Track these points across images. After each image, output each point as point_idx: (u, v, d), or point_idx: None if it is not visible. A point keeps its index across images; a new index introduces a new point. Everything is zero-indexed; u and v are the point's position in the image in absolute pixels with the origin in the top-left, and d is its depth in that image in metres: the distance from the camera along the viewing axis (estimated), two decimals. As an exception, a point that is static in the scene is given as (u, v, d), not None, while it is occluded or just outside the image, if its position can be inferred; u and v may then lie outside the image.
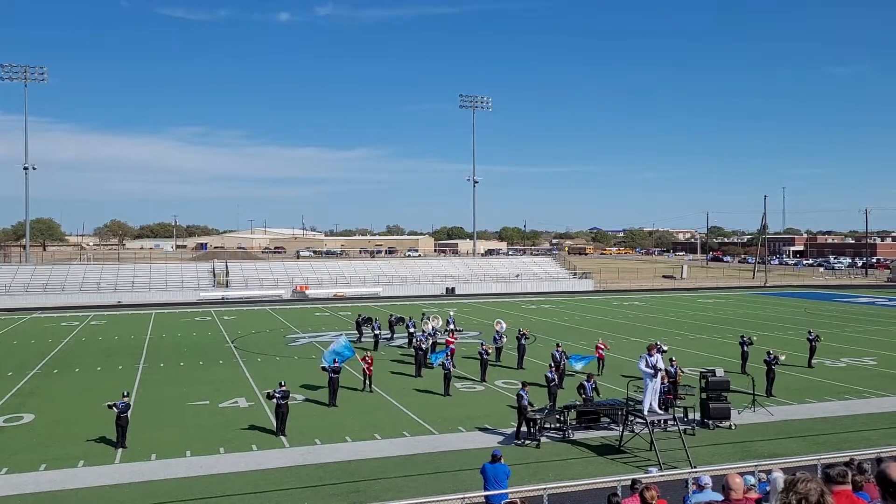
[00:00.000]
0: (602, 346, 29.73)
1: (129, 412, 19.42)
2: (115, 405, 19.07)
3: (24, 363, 31.97)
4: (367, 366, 25.80)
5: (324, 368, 23.86)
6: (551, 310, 55.21)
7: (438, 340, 33.61)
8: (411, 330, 35.81)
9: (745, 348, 28.53)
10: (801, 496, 3.53)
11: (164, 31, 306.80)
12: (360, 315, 40.21)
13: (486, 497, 13.19)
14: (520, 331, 32.17)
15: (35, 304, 61.07)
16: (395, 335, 38.62)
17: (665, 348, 29.82)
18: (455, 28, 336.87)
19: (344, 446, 18.89)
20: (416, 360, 29.14)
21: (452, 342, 30.61)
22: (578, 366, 26.34)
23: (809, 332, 31.16)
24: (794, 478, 3.69)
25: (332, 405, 23.06)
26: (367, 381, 25.70)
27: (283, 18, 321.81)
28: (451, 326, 37.27)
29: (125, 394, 19.89)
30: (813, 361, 29.95)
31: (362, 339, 37.49)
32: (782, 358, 25.74)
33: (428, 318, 35.30)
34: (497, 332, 32.98)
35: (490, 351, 29.06)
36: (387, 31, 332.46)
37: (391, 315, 40.48)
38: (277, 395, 20.17)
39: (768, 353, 25.40)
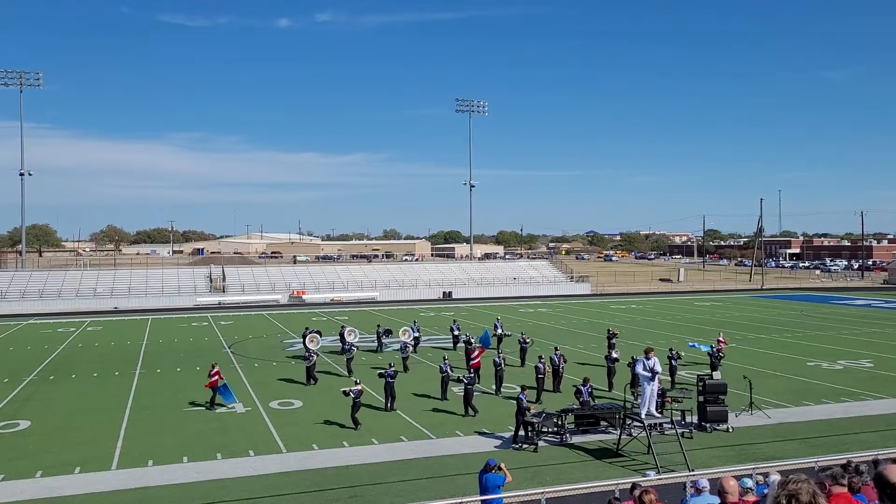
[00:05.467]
0: (723, 341, 30.80)
1: (361, 398, 21.45)
2: (349, 391, 21.22)
3: (20, 369, 31.86)
4: (212, 379, 24.19)
5: (380, 374, 24.38)
6: (548, 313, 55.22)
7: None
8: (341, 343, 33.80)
9: (674, 363, 26.98)
10: (792, 495, 3.56)
11: (165, 37, 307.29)
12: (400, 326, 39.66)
13: (481, 502, 13.19)
14: (609, 331, 32.81)
15: (31, 310, 60.95)
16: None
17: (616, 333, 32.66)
18: (451, 33, 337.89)
19: (341, 451, 18.85)
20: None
21: (482, 349, 29.85)
22: (703, 348, 28.25)
23: (711, 347, 28.16)
24: (787, 478, 3.71)
25: (391, 409, 23.19)
26: (212, 396, 24.26)
27: (283, 24, 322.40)
28: (500, 331, 36.57)
29: (357, 381, 22.08)
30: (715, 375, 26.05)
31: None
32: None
33: (316, 334, 31.99)
34: (403, 342, 32.00)
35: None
36: (384, 37, 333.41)
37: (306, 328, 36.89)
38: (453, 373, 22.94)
39: (630, 362, 26.03)
